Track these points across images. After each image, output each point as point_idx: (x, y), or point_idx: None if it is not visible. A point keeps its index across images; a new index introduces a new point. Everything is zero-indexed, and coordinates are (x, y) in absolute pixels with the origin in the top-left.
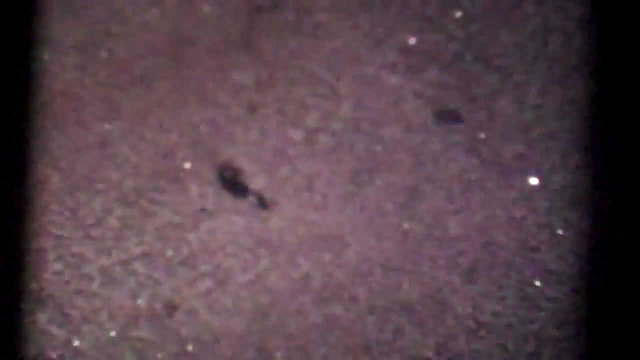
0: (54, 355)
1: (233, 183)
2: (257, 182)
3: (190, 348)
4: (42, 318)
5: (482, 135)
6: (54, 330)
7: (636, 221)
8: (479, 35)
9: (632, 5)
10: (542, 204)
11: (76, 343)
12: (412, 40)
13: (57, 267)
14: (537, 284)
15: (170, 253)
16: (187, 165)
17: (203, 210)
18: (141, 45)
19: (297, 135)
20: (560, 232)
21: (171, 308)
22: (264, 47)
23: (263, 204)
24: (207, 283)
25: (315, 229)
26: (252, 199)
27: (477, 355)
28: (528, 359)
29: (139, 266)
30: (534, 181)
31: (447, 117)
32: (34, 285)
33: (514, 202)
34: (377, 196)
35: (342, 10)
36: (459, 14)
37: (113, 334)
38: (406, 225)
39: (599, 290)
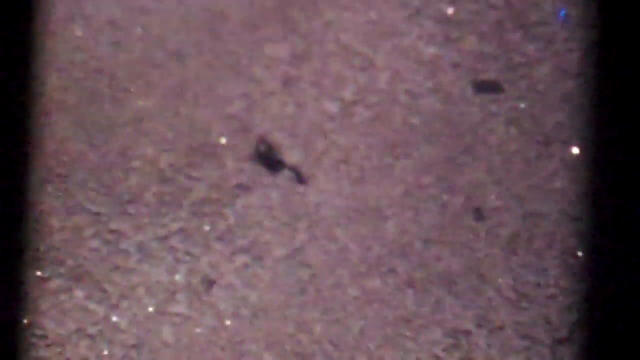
0: (92, 331)
1: (269, 157)
2: (293, 156)
3: (228, 323)
4: (80, 294)
5: (523, 105)
6: (92, 306)
7: None
8: (518, 3)
9: None
10: (584, 173)
11: (114, 319)
12: (450, 10)
13: (95, 243)
14: (580, 254)
15: (207, 228)
16: (223, 141)
17: (239, 185)
18: (175, 21)
19: (333, 108)
20: (602, 201)
21: (209, 283)
22: (299, 20)
23: (299, 178)
24: (245, 258)
25: (352, 202)
26: (288, 173)
27: (519, 327)
28: (571, 330)
29: (176, 242)
30: (575, 150)
31: (486, 87)
32: (71, 262)
33: (555, 172)
34: (415, 169)
35: None
36: None
37: (151, 309)
38: (445, 198)
39: None
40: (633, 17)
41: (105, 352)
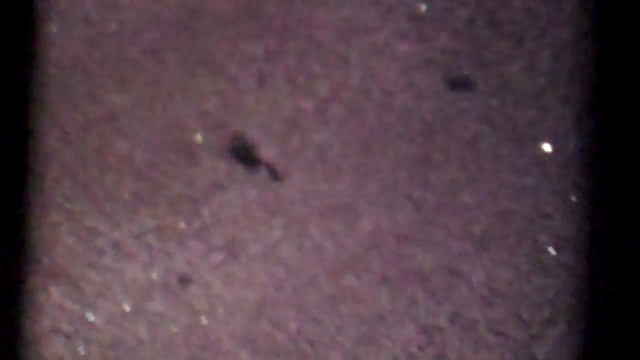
0: (68, 329)
1: (244, 154)
2: (268, 153)
3: (204, 320)
4: (56, 292)
5: (494, 102)
6: (68, 304)
7: None
8: (489, 1)
9: None
10: (555, 170)
11: (90, 317)
12: (422, 7)
13: (70, 240)
14: (551, 251)
15: (182, 226)
16: (198, 137)
17: (214, 182)
18: (150, 17)
19: (307, 105)
20: (573, 198)
21: (184, 281)
22: (273, 17)
23: (274, 175)
24: (220, 255)
25: (327, 199)
26: (263, 171)
27: (491, 323)
28: (543, 326)
29: (151, 239)
30: (547, 147)
31: (459, 84)
32: (46, 260)
33: (527, 169)
34: (388, 165)
35: None
36: None
37: (127, 307)
38: (418, 195)
39: (613, 257)
40: (605, 14)
41: (81, 351)
